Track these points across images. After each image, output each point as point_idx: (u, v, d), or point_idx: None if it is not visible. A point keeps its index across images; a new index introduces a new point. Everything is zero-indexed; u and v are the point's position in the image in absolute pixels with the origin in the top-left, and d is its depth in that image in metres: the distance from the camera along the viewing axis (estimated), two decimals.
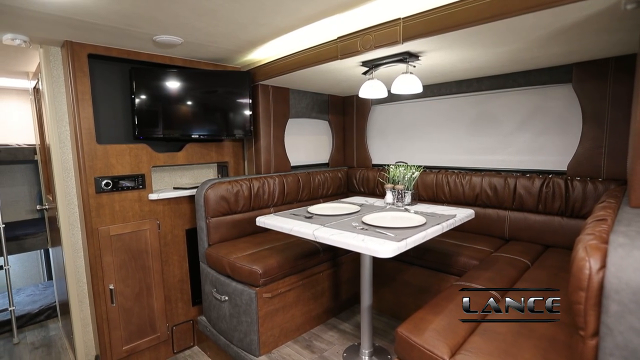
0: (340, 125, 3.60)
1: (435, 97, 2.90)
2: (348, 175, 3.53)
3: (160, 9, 1.68)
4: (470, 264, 2.12)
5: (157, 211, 2.49)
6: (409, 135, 3.16)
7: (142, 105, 2.36)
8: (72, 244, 2.33)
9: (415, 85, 2.01)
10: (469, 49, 1.88)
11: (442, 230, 1.70)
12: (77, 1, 1.57)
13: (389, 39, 1.79)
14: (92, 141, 2.19)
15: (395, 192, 2.22)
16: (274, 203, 2.86)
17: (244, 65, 2.81)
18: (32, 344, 2.92)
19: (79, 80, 2.13)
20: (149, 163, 2.45)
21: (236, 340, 2.19)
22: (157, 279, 2.48)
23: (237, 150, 3.00)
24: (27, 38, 2.05)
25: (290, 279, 2.25)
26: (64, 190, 2.29)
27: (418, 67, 2.14)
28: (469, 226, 2.54)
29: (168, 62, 2.48)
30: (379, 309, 2.65)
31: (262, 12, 1.77)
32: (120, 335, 2.32)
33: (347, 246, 1.51)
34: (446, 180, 2.75)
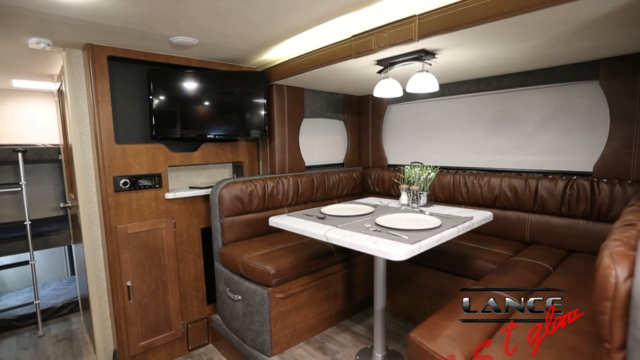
0: (356, 125, 3.57)
1: (452, 96, 2.83)
2: (363, 175, 3.50)
3: (175, 10, 1.70)
4: (488, 268, 2.06)
5: (173, 210, 2.53)
6: (426, 135, 3.10)
7: (159, 106, 2.40)
8: (91, 241, 2.40)
9: (432, 84, 1.96)
10: (487, 46, 1.81)
11: (458, 233, 1.65)
12: (96, 5, 1.61)
13: (404, 36, 1.75)
14: (111, 141, 2.25)
15: (411, 193, 2.17)
16: (288, 203, 2.86)
17: (259, 66, 2.82)
18: (55, 337, 3.03)
19: (98, 81, 2.18)
20: (166, 163, 2.49)
21: (249, 340, 2.20)
22: (172, 277, 2.52)
23: (252, 150, 3.01)
24: (50, 42, 2.12)
25: (303, 279, 2.24)
26: (84, 189, 2.36)
27: (434, 65, 2.09)
28: (487, 229, 2.47)
29: (184, 63, 2.52)
30: (393, 312, 2.60)
31: (276, 12, 1.76)
32: (137, 331, 2.37)
33: (359, 248, 1.49)
34: (464, 181, 2.68)
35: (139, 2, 1.60)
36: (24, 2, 1.55)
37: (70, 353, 2.76)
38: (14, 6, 1.59)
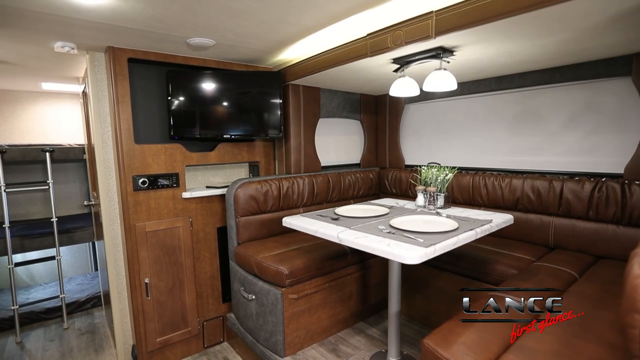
0: (373, 125, 3.52)
1: (472, 95, 2.74)
2: (380, 176, 3.45)
3: (191, 11, 1.72)
4: (508, 273, 1.98)
5: (189, 209, 2.57)
6: (444, 135, 3.02)
7: (177, 106, 2.44)
8: (112, 238, 2.47)
9: (449, 82, 1.90)
10: (509, 42, 1.74)
11: (475, 236, 1.59)
12: (116, 8, 1.65)
13: (420, 33, 1.70)
14: (131, 141, 2.30)
15: (427, 194, 2.12)
16: (303, 203, 2.85)
17: (276, 66, 2.83)
18: (79, 330, 3.14)
19: (119, 83, 2.24)
20: (183, 162, 2.53)
21: (262, 340, 2.20)
22: (189, 275, 2.56)
23: (268, 150, 3.02)
24: (75, 45, 2.19)
25: (316, 280, 2.23)
26: (105, 188, 2.43)
27: (453, 63, 2.02)
28: (508, 232, 2.37)
29: (202, 64, 2.55)
30: (409, 315, 2.55)
31: (290, 12, 1.76)
32: (155, 327, 2.42)
33: (371, 250, 1.45)
34: (483, 182, 2.59)
35: (156, 4, 1.63)
36: (48, 7, 1.61)
37: (92, 346, 2.85)
38: (39, 11, 1.65)
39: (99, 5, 1.61)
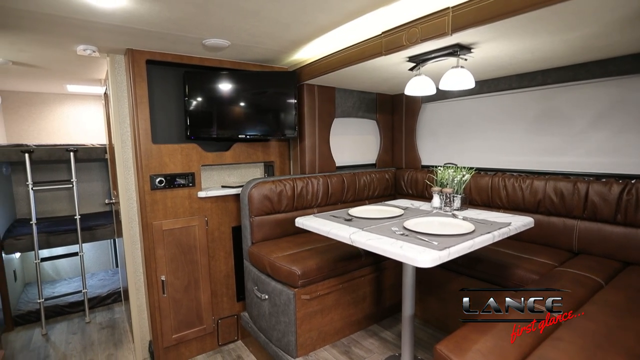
0: (389, 125, 3.47)
1: (492, 93, 2.65)
2: (396, 176, 3.39)
3: (205, 12, 1.73)
4: (529, 278, 1.90)
5: (205, 208, 2.60)
6: (463, 135, 2.94)
7: (194, 107, 2.48)
8: (130, 236, 2.53)
9: (467, 80, 1.84)
10: (530, 38, 1.67)
11: (492, 239, 1.54)
12: (133, 11, 1.69)
13: (436, 30, 1.66)
14: (148, 141, 2.35)
15: (443, 195, 2.06)
16: (317, 203, 2.84)
17: (291, 66, 2.83)
18: (100, 324, 3.24)
19: (137, 84, 2.29)
20: (199, 162, 2.57)
21: (275, 340, 2.20)
22: (204, 273, 2.59)
23: (283, 150, 3.03)
24: (95, 48, 2.26)
25: (329, 281, 2.21)
26: (124, 187, 2.49)
27: (470, 61, 1.96)
28: (529, 235, 2.29)
29: (217, 64, 2.58)
30: (423, 319, 2.50)
31: (305, 11, 1.75)
32: (170, 324, 2.46)
33: (383, 252, 1.43)
34: (503, 183, 2.50)
35: (171, 6, 1.65)
36: (70, 11, 1.66)
37: (112, 340, 2.93)
38: (61, 16, 1.70)
39: (117, 8, 1.65)
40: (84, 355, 2.72)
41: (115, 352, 2.75)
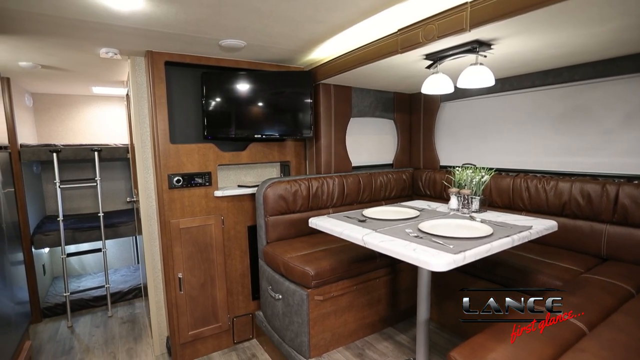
0: (406, 124, 3.41)
1: (514, 91, 2.55)
2: (413, 177, 3.33)
3: (220, 13, 1.75)
4: (552, 285, 1.81)
5: (221, 207, 2.63)
6: (483, 135, 2.85)
7: (211, 107, 2.51)
8: (149, 233, 2.59)
9: (486, 78, 1.77)
10: (555, 32, 1.59)
11: (512, 243, 1.47)
12: (151, 13, 1.72)
13: (454, 27, 1.60)
14: (167, 141, 2.40)
15: (461, 197, 2.00)
16: (333, 204, 2.82)
17: (307, 65, 2.82)
18: (121, 319, 3.34)
19: (156, 85, 2.34)
20: (215, 161, 2.60)
21: (288, 340, 2.20)
22: (220, 272, 2.62)
23: (299, 150, 3.02)
24: (117, 50, 2.32)
25: (343, 283, 2.19)
26: (144, 185, 2.55)
27: (490, 57, 1.89)
28: (553, 239, 2.19)
29: (234, 65, 2.60)
30: (440, 323, 2.43)
31: (319, 10, 1.73)
32: (187, 320, 2.51)
33: (396, 255, 1.39)
34: (525, 185, 2.40)
35: (187, 8, 1.67)
36: (91, 15, 1.71)
37: (132, 335, 3.02)
38: (83, 20, 1.76)
39: (135, 11, 1.69)
40: (105, 349, 2.81)
41: (135, 346, 2.83)
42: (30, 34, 1.97)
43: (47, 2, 1.57)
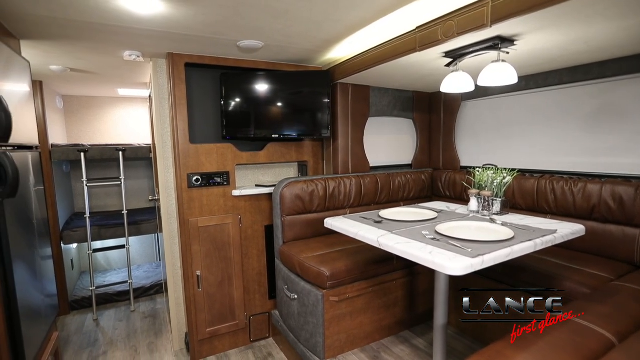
0: (426, 124, 3.34)
1: (540, 89, 2.45)
2: (433, 177, 3.26)
3: (237, 14, 1.76)
4: (579, 292, 1.72)
5: (239, 207, 2.66)
6: (506, 134, 2.75)
7: (230, 107, 2.54)
8: (170, 231, 2.66)
9: (508, 75, 1.71)
10: (584, 26, 1.51)
11: (534, 248, 1.41)
12: (170, 16, 1.76)
13: (474, 23, 1.55)
14: (186, 141, 2.45)
15: (481, 199, 1.93)
16: (350, 204, 2.80)
17: (325, 65, 2.81)
18: (143, 313, 3.44)
19: (177, 87, 2.39)
20: (234, 161, 2.63)
21: (303, 340, 2.20)
22: (237, 270, 2.65)
23: (316, 150, 3.02)
24: (140, 53, 2.39)
25: (359, 284, 2.17)
26: (165, 184, 2.62)
27: (513, 54, 1.82)
28: (580, 244, 2.09)
29: (253, 66, 2.62)
30: (459, 328, 2.37)
31: (335, 9, 1.72)
32: (205, 318, 2.55)
33: (411, 257, 1.36)
34: (551, 186, 2.30)
35: (205, 10, 1.70)
36: (114, 20, 1.77)
37: (153, 330, 3.10)
38: (107, 24, 1.82)
39: (156, 14, 1.73)
40: (128, 342, 2.90)
41: (156, 341, 2.90)
42: (59, 39, 2.06)
43: (73, 8, 1.63)
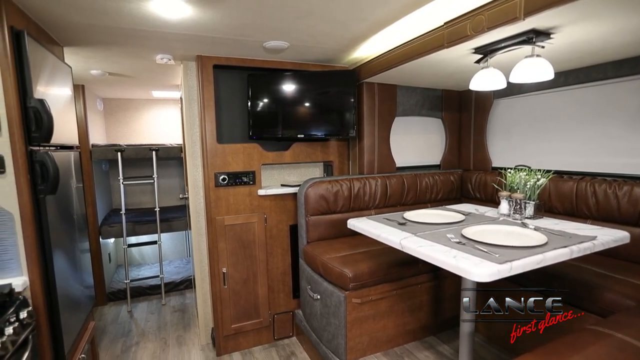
0: (456, 123, 3.23)
1: (580, 85, 2.29)
2: (462, 178, 3.14)
3: (262, 16, 1.78)
4: (622, 304, 1.59)
5: (264, 206, 2.69)
6: (542, 134, 2.59)
7: (256, 108, 2.58)
8: (197, 229, 2.74)
9: (544, 71, 1.61)
10: (629, 14, 1.39)
11: (570, 255, 1.31)
12: (197, 19, 1.81)
13: (506, 16, 1.48)
14: (214, 141, 2.51)
15: (513, 201, 1.84)
16: (375, 205, 2.76)
17: (351, 64, 2.79)
18: (173, 307, 3.57)
19: (205, 88, 2.46)
20: (259, 161, 2.67)
21: (325, 341, 2.19)
22: (262, 269, 2.69)
23: (342, 150, 3.00)
24: (171, 56, 2.48)
25: (383, 286, 2.13)
26: (193, 183, 2.70)
27: (549, 48, 1.71)
28: (625, 252, 1.93)
29: (279, 66, 2.65)
30: (488, 336, 2.27)
31: (360, 7, 1.70)
32: (230, 314, 2.61)
33: (434, 261, 1.31)
34: (592, 189, 2.14)
35: (231, 12, 1.73)
36: (146, 25, 1.85)
37: (182, 323, 3.21)
38: (140, 29, 1.91)
39: (185, 18, 1.78)
40: (158, 334, 3.02)
41: (184, 334, 3.00)
42: (97, 44, 2.18)
43: (109, 16, 1.72)
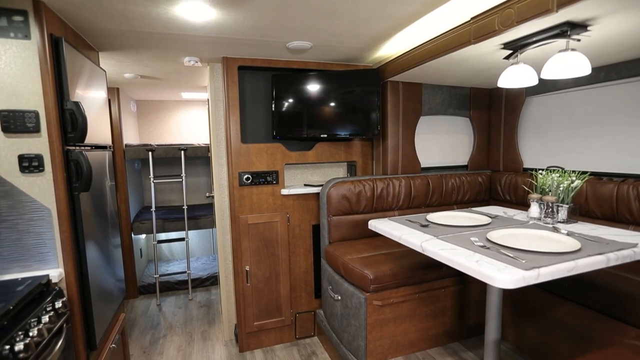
0: (485, 122, 3.11)
1: (621, 81, 2.13)
2: (491, 180, 3.02)
3: (284, 16, 1.80)
4: None
5: (287, 205, 2.71)
6: (578, 133, 2.44)
7: (280, 108, 2.60)
8: (222, 227, 2.80)
9: (580, 66, 1.51)
10: None
11: (606, 263, 1.22)
12: (221, 22, 1.85)
13: (536, 9, 1.40)
14: (238, 141, 2.56)
15: (544, 205, 1.74)
16: (398, 206, 2.71)
17: (375, 63, 2.76)
18: (199, 303, 3.67)
19: (230, 89, 2.51)
20: (283, 161, 2.69)
21: (345, 342, 2.17)
22: (284, 268, 2.71)
23: (365, 150, 2.97)
24: (198, 59, 2.55)
25: (405, 289, 2.08)
26: (219, 182, 2.76)
27: (585, 41, 1.60)
28: None
29: (302, 66, 2.66)
30: (517, 345, 2.16)
31: (382, 4, 1.67)
32: (252, 311, 2.65)
33: (456, 265, 1.27)
34: (635, 192, 1.99)
35: (254, 13, 1.76)
36: (173, 29, 1.91)
37: (207, 318, 3.30)
38: (168, 33, 1.97)
39: (209, 21, 1.83)
40: (184, 328, 3.12)
41: (209, 329, 3.08)
42: (129, 49, 2.28)
43: (138, 21, 1.79)
